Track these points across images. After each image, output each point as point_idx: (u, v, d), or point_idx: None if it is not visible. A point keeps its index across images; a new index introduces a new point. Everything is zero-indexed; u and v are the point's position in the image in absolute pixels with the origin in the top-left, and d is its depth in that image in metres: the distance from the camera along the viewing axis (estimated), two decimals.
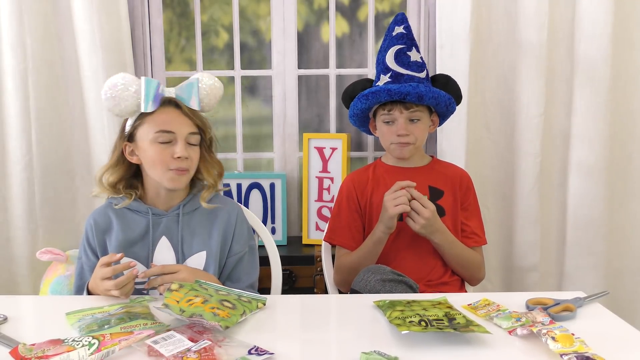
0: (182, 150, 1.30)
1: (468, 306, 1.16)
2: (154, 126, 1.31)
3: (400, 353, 0.93)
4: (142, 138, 1.32)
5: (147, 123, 1.32)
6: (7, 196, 1.95)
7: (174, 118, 1.32)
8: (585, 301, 1.17)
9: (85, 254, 1.37)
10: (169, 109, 1.33)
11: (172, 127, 1.31)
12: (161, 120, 1.31)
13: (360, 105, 1.59)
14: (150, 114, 1.31)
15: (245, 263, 1.41)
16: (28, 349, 0.90)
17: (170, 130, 1.30)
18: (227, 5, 2.17)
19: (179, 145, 1.31)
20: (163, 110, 1.32)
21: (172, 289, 1.09)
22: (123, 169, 1.37)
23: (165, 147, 1.30)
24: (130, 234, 1.35)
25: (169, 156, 1.30)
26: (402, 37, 1.56)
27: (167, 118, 1.31)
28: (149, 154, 1.31)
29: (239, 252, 1.40)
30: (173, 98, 1.34)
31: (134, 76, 1.32)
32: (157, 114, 1.31)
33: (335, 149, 2.07)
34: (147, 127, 1.31)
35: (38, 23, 1.89)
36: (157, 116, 1.31)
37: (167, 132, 1.30)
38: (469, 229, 1.63)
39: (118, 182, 1.36)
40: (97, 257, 1.35)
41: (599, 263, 1.97)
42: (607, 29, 1.86)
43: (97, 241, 1.36)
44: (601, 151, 1.92)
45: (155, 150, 1.30)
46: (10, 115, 1.91)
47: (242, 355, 0.91)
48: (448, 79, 1.61)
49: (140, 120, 1.32)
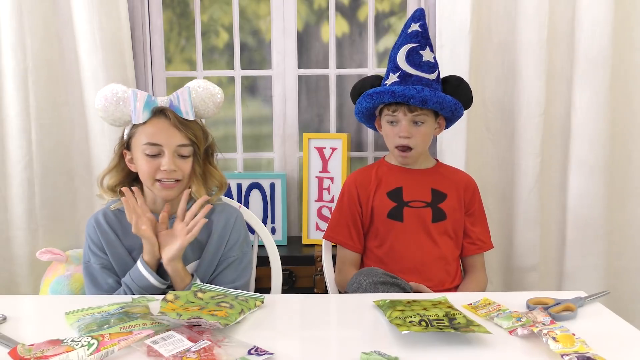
0: (168, 163, 1.29)
1: (468, 306, 1.16)
2: (143, 138, 1.31)
3: (400, 353, 0.93)
4: (135, 148, 1.34)
5: (139, 134, 1.33)
6: (7, 196, 1.95)
7: (162, 130, 1.31)
8: (585, 301, 1.17)
9: (94, 255, 1.35)
10: (158, 120, 1.32)
11: (159, 140, 1.30)
12: (149, 132, 1.31)
13: (366, 104, 1.60)
14: (142, 124, 1.32)
15: (233, 268, 1.39)
16: (27, 349, 0.90)
17: (156, 143, 1.31)
18: (227, 5, 2.17)
19: (166, 157, 1.30)
20: (153, 122, 1.32)
21: (167, 299, 1.09)
22: (123, 174, 1.38)
23: (152, 160, 1.31)
24: (130, 239, 1.36)
25: (155, 168, 1.31)
26: (417, 35, 1.55)
27: (155, 130, 1.31)
28: (139, 164, 1.33)
29: (230, 257, 1.39)
30: (165, 108, 1.33)
31: (124, 87, 1.33)
32: (147, 125, 1.32)
33: (335, 149, 2.07)
34: (138, 137, 1.33)
35: (38, 23, 1.89)
36: (146, 128, 1.32)
37: (154, 145, 1.31)
38: (474, 235, 1.63)
39: (117, 186, 1.37)
40: (106, 253, 1.35)
41: (599, 263, 1.97)
42: (607, 29, 1.86)
43: (102, 239, 1.35)
44: (601, 151, 1.92)
45: (142, 162, 1.32)
46: (10, 115, 1.91)
47: (242, 355, 0.91)
48: (460, 82, 1.60)
49: (135, 130, 1.34)
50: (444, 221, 1.59)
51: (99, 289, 1.33)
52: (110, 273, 1.35)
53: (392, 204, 1.59)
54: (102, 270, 1.34)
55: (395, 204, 1.59)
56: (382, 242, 1.60)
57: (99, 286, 1.34)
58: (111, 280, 1.33)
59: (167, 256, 1.28)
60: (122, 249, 1.36)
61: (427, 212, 1.59)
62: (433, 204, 1.59)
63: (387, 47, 2.20)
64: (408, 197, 1.59)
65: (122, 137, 1.38)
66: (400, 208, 1.58)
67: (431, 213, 1.59)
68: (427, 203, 1.59)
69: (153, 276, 1.28)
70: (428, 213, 1.59)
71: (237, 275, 1.39)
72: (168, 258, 1.28)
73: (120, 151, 1.37)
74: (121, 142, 1.37)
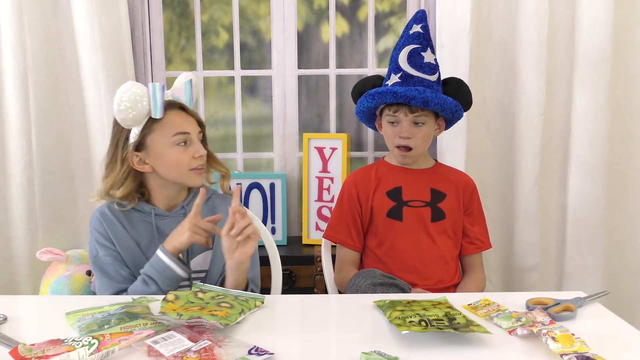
0: (201, 149, 1.34)
1: (468, 306, 1.16)
2: (169, 130, 1.31)
3: (400, 353, 0.93)
4: (156, 144, 1.32)
5: (159, 129, 1.31)
6: (7, 196, 1.95)
7: (184, 119, 1.35)
8: (585, 301, 1.17)
9: (102, 246, 1.33)
10: (175, 111, 1.34)
11: (186, 128, 1.34)
12: (174, 123, 1.32)
13: (367, 103, 1.60)
14: (158, 119, 1.31)
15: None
16: (28, 349, 0.90)
17: (186, 131, 1.33)
18: (227, 5, 2.17)
19: (196, 144, 1.35)
20: (171, 114, 1.33)
21: (168, 300, 1.09)
22: (135, 182, 1.35)
23: (184, 149, 1.33)
24: (136, 231, 1.35)
25: (189, 157, 1.33)
26: (418, 37, 1.56)
27: (179, 120, 1.34)
28: (170, 157, 1.32)
29: None
30: (174, 101, 1.35)
31: (137, 83, 1.31)
32: (167, 118, 1.32)
33: (335, 149, 2.07)
34: (160, 132, 1.31)
35: (38, 23, 1.89)
36: (167, 120, 1.32)
37: (184, 134, 1.33)
38: (473, 235, 1.64)
39: (129, 195, 1.34)
40: (114, 244, 1.33)
41: (599, 263, 1.97)
42: (607, 29, 1.86)
43: (109, 230, 1.34)
44: (601, 151, 1.92)
45: (175, 153, 1.32)
46: (10, 115, 1.91)
47: (242, 355, 0.91)
48: (460, 84, 1.60)
49: (149, 128, 1.31)
50: (443, 221, 1.59)
51: (112, 280, 1.30)
52: (122, 264, 1.32)
53: (392, 204, 1.59)
54: (113, 261, 1.32)
55: (394, 204, 1.59)
56: (381, 242, 1.60)
57: (111, 278, 1.31)
58: (123, 272, 1.31)
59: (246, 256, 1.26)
60: (130, 240, 1.35)
61: (427, 211, 1.59)
62: (432, 204, 1.60)
63: (387, 47, 2.20)
64: (407, 197, 1.60)
65: (126, 141, 1.32)
66: (399, 207, 1.59)
67: (430, 212, 1.59)
68: (426, 202, 1.60)
69: (178, 265, 1.27)
70: (427, 212, 1.59)
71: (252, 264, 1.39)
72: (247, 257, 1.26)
73: (129, 156, 1.32)
74: (124, 147, 1.32)
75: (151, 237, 1.35)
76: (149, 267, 1.28)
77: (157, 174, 1.35)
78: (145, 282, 1.27)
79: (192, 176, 1.35)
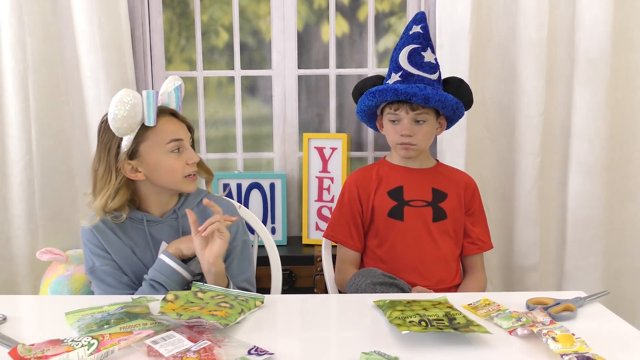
0: (195, 155, 1.35)
1: (468, 306, 1.16)
2: (163, 137, 1.31)
3: (400, 353, 0.93)
4: (150, 152, 1.30)
5: (153, 136, 1.30)
6: (7, 196, 1.95)
7: (176, 125, 1.34)
8: (585, 301, 1.17)
9: (98, 257, 1.33)
10: (167, 118, 1.33)
11: (180, 135, 1.33)
12: (168, 130, 1.32)
13: (368, 102, 1.60)
14: (150, 127, 1.29)
15: (239, 258, 1.41)
16: (27, 349, 0.90)
17: (179, 138, 1.33)
18: (227, 5, 2.17)
19: (189, 150, 1.34)
20: (163, 121, 1.32)
21: (167, 299, 1.09)
22: (128, 192, 1.32)
23: (178, 156, 1.32)
24: (130, 241, 1.35)
25: (182, 164, 1.33)
26: (418, 37, 1.56)
27: (172, 127, 1.33)
28: (164, 165, 1.31)
29: (232, 246, 1.39)
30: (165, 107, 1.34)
31: (129, 90, 1.28)
32: (160, 125, 1.31)
33: (335, 149, 2.07)
34: (154, 139, 1.30)
35: (38, 23, 1.89)
36: (161, 127, 1.31)
37: (178, 140, 1.32)
38: (474, 235, 1.64)
39: (123, 206, 1.31)
40: (109, 253, 1.33)
41: (599, 263, 1.97)
42: (607, 28, 1.86)
43: (102, 240, 1.33)
44: (601, 151, 1.92)
45: (171, 161, 1.31)
46: (10, 115, 1.90)
47: (242, 355, 0.91)
48: (460, 83, 1.61)
49: (143, 136, 1.30)
50: (445, 220, 1.59)
51: (114, 288, 1.30)
52: (120, 272, 1.32)
53: (393, 203, 1.59)
54: (112, 270, 1.32)
55: (395, 203, 1.59)
56: (382, 241, 1.60)
57: (112, 286, 1.31)
58: (124, 279, 1.32)
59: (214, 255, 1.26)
60: (125, 248, 1.34)
61: (428, 211, 1.59)
62: (433, 203, 1.59)
63: (387, 47, 2.20)
64: (409, 196, 1.60)
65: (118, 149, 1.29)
66: (400, 207, 1.59)
67: (432, 212, 1.59)
68: (427, 202, 1.60)
69: (185, 269, 1.29)
70: (428, 212, 1.59)
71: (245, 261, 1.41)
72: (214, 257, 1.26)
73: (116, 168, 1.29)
74: (115, 156, 1.29)
75: (145, 243, 1.35)
76: (156, 273, 1.28)
77: (150, 181, 1.33)
78: (154, 287, 1.27)
79: (186, 182, 1.35)
